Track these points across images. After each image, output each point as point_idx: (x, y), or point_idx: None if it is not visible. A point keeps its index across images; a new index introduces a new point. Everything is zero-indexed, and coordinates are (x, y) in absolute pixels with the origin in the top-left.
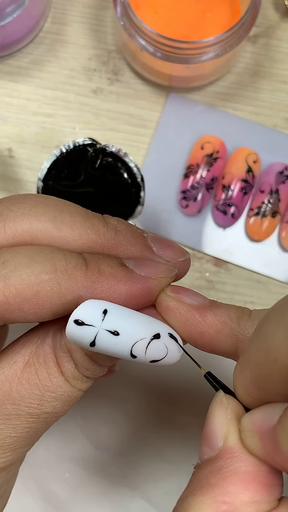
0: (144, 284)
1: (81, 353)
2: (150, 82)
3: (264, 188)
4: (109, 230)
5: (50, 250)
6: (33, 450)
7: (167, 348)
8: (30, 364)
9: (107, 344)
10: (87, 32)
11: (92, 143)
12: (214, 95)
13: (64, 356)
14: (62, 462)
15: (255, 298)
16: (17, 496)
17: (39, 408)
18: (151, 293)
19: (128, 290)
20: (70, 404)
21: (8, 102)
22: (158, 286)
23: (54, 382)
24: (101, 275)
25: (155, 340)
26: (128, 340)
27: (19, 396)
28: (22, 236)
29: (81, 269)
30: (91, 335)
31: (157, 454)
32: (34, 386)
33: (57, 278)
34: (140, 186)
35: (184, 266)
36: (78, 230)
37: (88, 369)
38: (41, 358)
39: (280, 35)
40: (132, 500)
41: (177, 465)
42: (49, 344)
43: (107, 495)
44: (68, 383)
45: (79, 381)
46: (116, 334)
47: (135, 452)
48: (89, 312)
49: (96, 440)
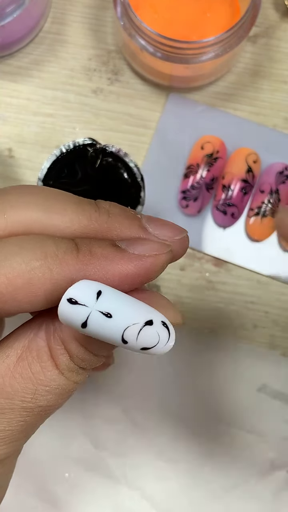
0: (137, 263)
1: (76, 344)
2: (150, 82)
3: (264, 188)
4: (102, 214)
5: (40, 238)
6: (33, 450)
7: (159, 336)
8: (23, 358)
9: (99, 326)
10: (87, 32)
11: (92, 143)
12: (214, 95)
13: (58, 348)
14: (62, 462)
15: (255, 298)
16: (17, 496)
17: (33, 401)
18: (146, 272)
19: (121, 270)
20: (64, 397)
21: (8, 102)
22: (153, 263)
23: (47, 375)
24: (92, 256)
25: (147, 326)
26: (121, 324)
27: (13, 390)
28: (14, 228)
29: (72, 253)
30: (83, 315)
31: (157, 454)
32: (27, 380)
33: (48, 264)
34: (140, 186)
35: (182, 244)
36: (70, 217)
37: (84, 359)
38: (34, 352)
39: (280, 35)
40: (132, 500)
41: (177, 465)
42: (42, 338)
43: (107, 495)
44: (62, 375)
45: (74, 373)
46: (109, 316)
47: (135, 452)
48: (83, 291)
49: (96, 440)
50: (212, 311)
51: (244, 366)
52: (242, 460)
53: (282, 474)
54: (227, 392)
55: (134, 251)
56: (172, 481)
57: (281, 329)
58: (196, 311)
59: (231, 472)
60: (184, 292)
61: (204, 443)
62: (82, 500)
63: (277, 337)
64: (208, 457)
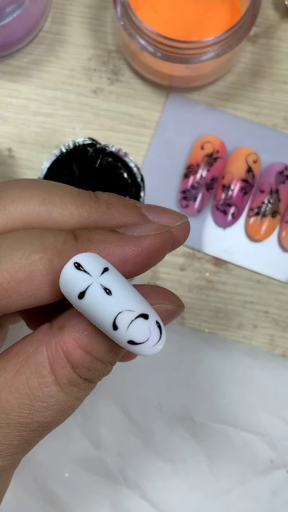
0: (136, 243)
1: (80, 352)
2: (150, 82)
3: (264, 188)
4: (101, 205)
5: (39, 231)
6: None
7: (150, 333)
8: (21, 373)
9: (95, 300)
10: (87, 32)
11: (92, 143)
12: (214, 95)
13: (59, 362)
14: (62, 462)
15: (255, 298)
16: (17, 496)
17: (29, 417)
18: (147, 252)
19: (120, 252)
20: (64, 414)
21: (8, 102)
22: (152, 243)
23: (45, 391)
24: (91, 243)
25: (141, 319)
26: (117, 304)
27: (9, 406)
28: (14, 223)
29: (71, 243)
30: (84, 283)
31: (157, 454)
32: (24, 395)
33: (48, 256)
34: (140, 186)
35: (183, 229)
36: (69, 210)
37: (90, 368)
38: (32, 367)
39: (280, 35)
40: (132, 500)
41: (177, 465)
42: (42, 353)
43: (107, 495)
44: (62, 391)
45: (75, 388)
46: (108, 293)
47: (135, 452)
48: (91, 260)
49: (96, 440)
50: (212, 311)
51: (244, 366)
52: (242, 460)
53: (282, 474)
54: (227, 392)
55: (133, 233)
56: (172, 481)
57: (281, 329)
58: (196, 311)
59: (231, 472)
60: (184, 292)
61: (204, 443)
62: (82, 500)
63: (277, 337)
64: (208, 457)
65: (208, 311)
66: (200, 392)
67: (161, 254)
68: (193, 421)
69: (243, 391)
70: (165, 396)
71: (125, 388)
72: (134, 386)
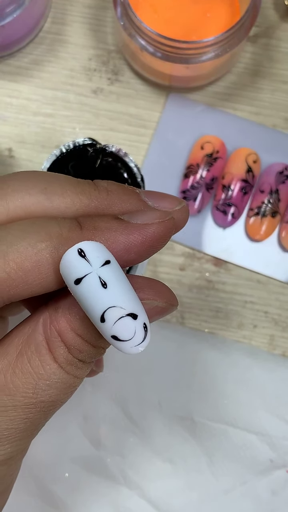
0: (141, 231)
1: (72, 334)
2: (150, 82)
3: (264, 188)
4: (101, 192)
5: (43, 220)
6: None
7: (135, 333)
8: (22, 353)
9: (89, 289)
10: (87, 32)
11: (92, 143)
12: (214, 95)
13: (55, 340)
14: (62, 462)
15: (255, 298)
16: (17, 496)
17: (34, 397)
18: (151, 239)
19: (126, 240)
20: (67, 392)
21: (8, 102)
22: (156, 230)
23: (47, 369)
24: (96, 231)
25: (130, 318)
26: (110, 299)
27: (14, 387)
28: (16, 212)
29: (76, 231)
30: (83, 271)
31: (157, 454)
32: (27, 375)
33: (53, 244)
34: (140, 186)
35: (183, 214)
36: (70, 198)
37: (82, 350)
38: (33, 346)
39: (280, 35)
40: (132, 500)
41: (177, 465)
42: (40, 331)
43: (107, 495)
44: (62, 369)
45: (73, 366)
46: (104, 286)
47: (134, 452)
48: (95, 250)
49: (96, 440)
50: (212, 311)
51: (244, 366)
52: (242, 460)
53: (282, 473)
54: (226, 392)
55: (137, 221)
56: (172, 481)
57: (281, 329)
58: (196, 311)
59: (231, 471)
60: (184, 292)
61: (204, 443)
62: (81, 500)
63: (277, 337)
64: (208, 457)
65: (208, 311)
66: (200, 392)
67: (165, 241)
68: (193, 421)
69: (243, 391)
70: (165, 396)
71: (125, 388)
72: (134, 386)
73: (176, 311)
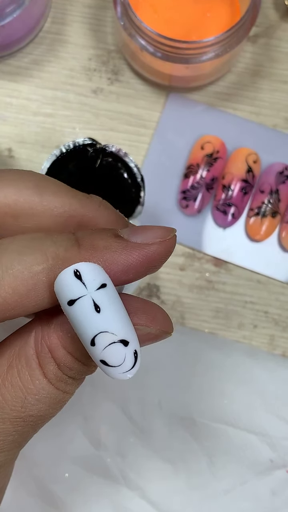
0: (141, 251)
1: (63, 352)
2: (150, 82)
3: (264, 188)
4: (93, 202)
5: (39, 239)
6: (33, 450)
7: (125, 361)
8: (13, 366)
9: (82, 313)
10: (87, 32)
11: (92, 143)
12: (214, 95)
13: (45, 356)
14: (62, 462)
15: (255, 298)
16: (17, 496)
17: (23, 411)
18: (151, 260)
19: (125, 260)
20: (56, 407)
21: (8, 102)
22: (157, 251)
23: (36, 384)
24: (95, 250)
25: (120, 344)
26: (101, 324)
27: (3, 399)
28: (5, 201)
29: (73, 250)
30: (77, 293)
31: (157, 454)
32: (16, 388)
33: (50, 267)
34: (140, 186)
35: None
36: (61, 198)
37: (71, 368)
38: (23, 360)
39: (280, 35)
40: (132, 500)
41: (176, 465)
42: (31, 345)
43: (107, 495)
44: (51, 385)
45: (62, 382)
46: (97, 310)
47: (134, 452)
48: (91, 272)
49: (96, 440)
50: (212, 311)
51: (244, 366)
52: (242, 460)
53: (282, 473)
54: (227, 392)
55: (137, 240)
56: (172, 481)
57: (281, 329)
58: (196, 311)
59: (231, 471)
60: (184, 292)
61: (204, 443)
62: (81, 500)
63: (277, 337)
64: (208, 457)
65: (208, 311)
66: (200, 392)
67: (164, 261)
68: (193, 421)
69: (243, 391)
70: (165, 396)
71: (125, 388)
72: (134, 386)
73: (176, 311)
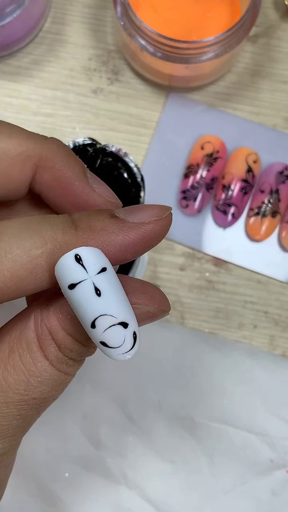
0: (138, 231)
1: (62, 333)
2: (150, 82)
3: (264, 188)
4: (51, 143)
5: (36, 222)
6: (33, 450)
7: (124, 341)
8: (14, 350)
9: (82, 296)
10: (87, 32)
11: (92, 143)
12: (214, 95)
13: (46, 338)
14: (62, 462)
15: (255, 298)
16: (17, 496)
17: (26, 394)
18: (148, 239)
19: (122, 240)
20: (59, 389)
21: (8, 102)
22: (154, 229)
23: (38, 366)
24: (92, 232)
25: (120, 326)
26: (102, 307)
27: (6, 383)
28: None
29: (70, 233)
30: (78, 277)
31: (157, 454)
32: (19, 371)
33: (48, 250)
34: (140, 186)
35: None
36: (17, 140)
37: (72, 349)
38: (24, 343)
39: (280, 35)
40: (132, 500)
41: (177, 465)
42: (31, 328)
43: (107, 495)
44: (53, 366)
45: (64, 364)
46: (98, 294)
47: (134, 452)
48: (92, 257)
49: (96, 440)
50: (212, 311)
51: (244, 366)
52: (242, 460)
53: (282, 474)
54: (227, 392)
55: (134, 219)
56: (172, 481)
57: (281, 329)
58: (196, 311)
59: (231, 471)
60: (184, 292)
61: (203, 443)
62: (81, 500)
63: (277, 337)
64: (208, 457)
65: (208, 311)
66: (200, 392)
67: (161, 239)
68: (193, 421)
69: (243, 391)
70: (165, 396)
71: (125, 388)
72: (134, 386)
73: (176, 311)
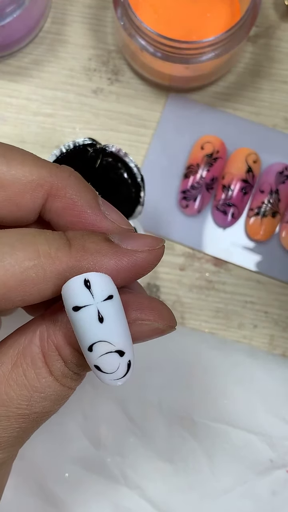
0: (130, 258)
1: (69, 349)
2: (150, 82)
3: (264, 188)
4: (63, 171)
5: (32, 235)
6: (33, 450)
7: (118, 370)
8: (18, 365)
9: (85, 320)
10: (87, 32)
11: (92, 143)
12: (214, 95)
13: (52, 354)
14: (62, 462)
15: (255, 298)
16: (17, 496)
17: (28, 409)
18: (140, 267)
19: (114, 265)
20: (60, 403)
21: (8, 102)
22: (146, 259)
23: (42, 382)
24: (86, 252)
25: (116, 354)
26: (102, 334)
27: (8, 398)
28: None
29: (64, 250)
30: (83, 302)
31: (157, 454)
32: (22, 387)
33: (41, 264)
34: (140, 186)
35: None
36: (29, 167)
37: (78, 365)
38: (28, 359)
39: (280, 35)
40: (132, 500)
41: (177, 465)
42: (37, 344)
43: (107, 495)
44: (57, 382)
45: (68, 379)
46: (100, 320)
47: (134, 452)
48: (101, 284)
49: (96, 440)
50: (212, 311)
51: (244, 366)
52: (242, 459)
53: (282, 473)
54: (226, 392)
55: (127, 246)
56: (172, 481)
57: (281, 329)
58: (196, 311)
59: (231, 471)
60: (184, 292)
61: (204, 443)
62: (81, 500)
63: (277, 337)
64: (208, 457)
65: (208, 311)
66: (200, 392)
67: (151, 269)
68: (193, 421)
69: (243, 391)
70: (165, 396)
71: (125, 388)
72: (134, 386)
73: (176, 311)
